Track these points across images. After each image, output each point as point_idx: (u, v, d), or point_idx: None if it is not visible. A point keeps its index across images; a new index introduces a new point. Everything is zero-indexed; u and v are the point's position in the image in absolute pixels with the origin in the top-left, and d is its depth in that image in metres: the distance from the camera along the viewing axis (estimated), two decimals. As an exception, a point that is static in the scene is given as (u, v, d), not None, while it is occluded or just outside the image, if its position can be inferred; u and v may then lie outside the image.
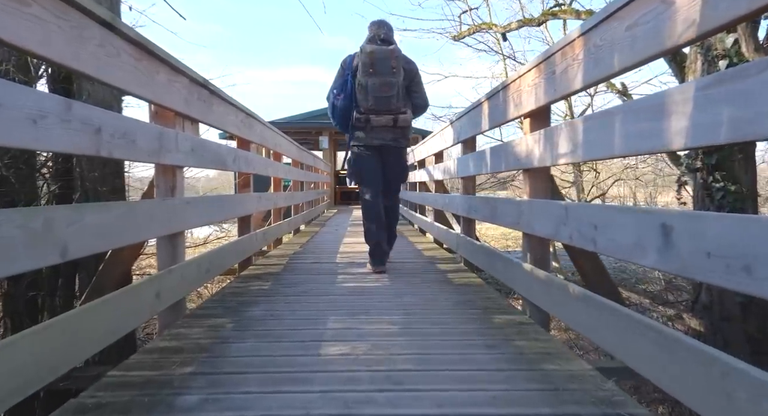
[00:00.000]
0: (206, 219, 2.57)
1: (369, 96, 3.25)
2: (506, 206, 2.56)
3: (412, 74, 3.41)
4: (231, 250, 3.00)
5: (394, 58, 3.24)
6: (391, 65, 3.23)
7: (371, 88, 3.23)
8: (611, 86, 5.45)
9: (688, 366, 1.06)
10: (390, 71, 3.23)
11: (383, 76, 3.22)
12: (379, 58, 3.22)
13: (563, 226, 1.77)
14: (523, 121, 2.31)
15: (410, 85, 3.41)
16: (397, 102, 3.30)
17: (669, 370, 1.13)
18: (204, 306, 2.47)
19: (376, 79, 3.22)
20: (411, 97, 3.45)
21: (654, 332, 1.19)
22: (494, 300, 2.58)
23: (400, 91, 3.31)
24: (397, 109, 3.31)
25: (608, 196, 12.85)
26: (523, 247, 2.32)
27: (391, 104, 3.28)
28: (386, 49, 3.24)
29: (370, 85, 3.23)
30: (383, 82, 3.22)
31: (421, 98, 3.48)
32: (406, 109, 3.39)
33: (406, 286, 2.93)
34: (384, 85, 3.22)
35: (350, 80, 3.31)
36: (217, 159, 2.70)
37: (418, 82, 3.45)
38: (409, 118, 3.40)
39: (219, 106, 2.73)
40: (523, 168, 2.29)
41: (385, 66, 3.22)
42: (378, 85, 3.22)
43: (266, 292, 2.77)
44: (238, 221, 3.65)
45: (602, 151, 1.51)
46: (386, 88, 3.23)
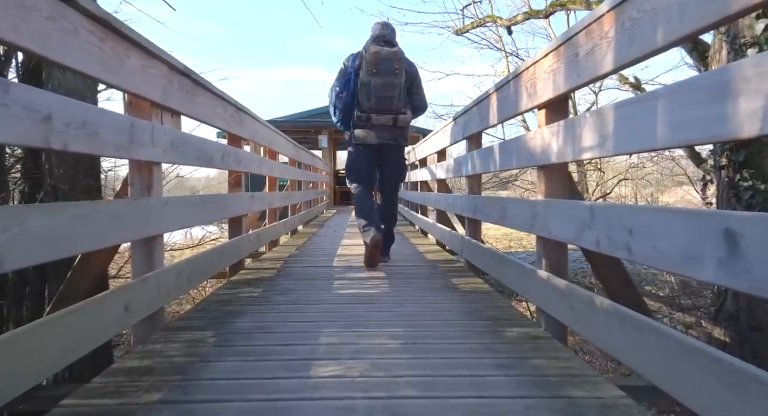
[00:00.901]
0: (189, 222, 2.35)
1: (371, 95, 3.33)
2: (517, 206, 2.34)
3: (413, 76, 3.51)
4: (218, 254, 2.78)
5: (398, 60, 3.34)
6: (395, 66, 3.32)
7: (374, 87, 3.31)
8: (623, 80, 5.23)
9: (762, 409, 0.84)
10: (393, 72, 3.32)
11: (386, 76, 3.30)
12: (383, 59, 3.30)
13: (588, 230, 1.54)
14: (537, 112, 2.09)
15: (411, 86, 3.50)
16: (398, 102, 3.39)
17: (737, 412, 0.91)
18: (186, 317, 2.25)
19: (380, 79, 3.30)
20: (411, 99, 3.55)
21: (716, 364, 0.97)
22: (504, 309, 2.36)
23: (402, 92, 3.40)
24: (397, 109, 3.40)
25: (611, 196, 12.63)
26: (538, 252, 2.10)
27: (392, 104, 3.36)
28: (391, 51, 3.34)
29: (373, 84, 3.31)
30: (386, 82, 3.31)
31: (421, 100, 3.59)
32: (406, 109, 3.48)
33: (407, 293, 2.71)
34: (387, 85, 3.31)
35: (353, 79, 3.37)
36: (203, 156, 2.48)
37: (418, 83, 3.56)
38: (408, 119, 3.50)
39: (204, 97, 2.51)
40: (537, 164, 2.07)
41: (388, 67, 3.30)
42: (381, 85, 3.31)
43: (256, 300, 2.55)
44: (229, 222, 3.43)
45: (640, 142, 1.29)
46: (389, 89, 3.32)
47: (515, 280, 2.32)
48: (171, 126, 2.15)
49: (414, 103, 3.58)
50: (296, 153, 6.37)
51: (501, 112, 2.57)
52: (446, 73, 12.64)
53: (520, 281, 2.25)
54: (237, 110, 3.17)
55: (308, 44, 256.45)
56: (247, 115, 3.44)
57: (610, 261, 2.04)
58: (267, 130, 4.26)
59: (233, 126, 3.13)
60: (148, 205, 1.87)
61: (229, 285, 2.95)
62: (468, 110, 3.31)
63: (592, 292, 1.66)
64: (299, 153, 6.64)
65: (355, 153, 3.58)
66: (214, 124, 2.72)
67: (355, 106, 3.42)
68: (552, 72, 1.85)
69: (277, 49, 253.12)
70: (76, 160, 2.52)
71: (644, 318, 1.27)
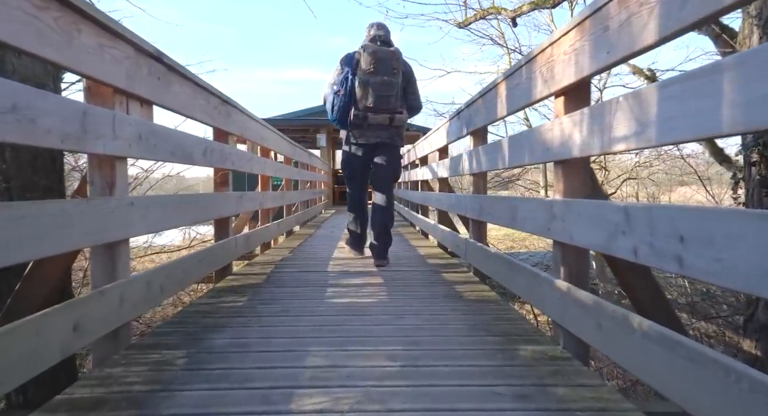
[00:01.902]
0: (163, 224, 2.10)
1: (369, 94, 3.35)
2: (531, 207, 2.09)
3: (408, 76, 3.55)
4: (199, 260, 2.53)
5: (396, 60, 3.37)
6: (393, 66, 3.35)
7: (373, 86, 3.33)
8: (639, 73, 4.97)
9: None
10: (391, 72, 3.35)
11: (385, 75, 3.32)
12: (381, 59, 3.32)
13: (621, 236, 1.30)
14: (554, 99, 1.84)
15: (406, 86, 3.54)
16: (396, 101, 3.42)
17: None
18: (157, 332, 2.00)
19: (378, 78, 3.32)
20: (406, 98, 3.58)
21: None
22: (515, 322, 2.11)
23: (399, 92, 3.43)
24: (394, 109, 3.43)
25: (615, 196, 12.36)
26: (554, 259, 1.85)
27: (390, 103, 3.39)
28: (389, 51, 3.37)
29: (372, 83, 3.33)
30: (384, 81, 3.33)
31: (416, 100, 3.64)
32: (403, 109, 3.52)
33: (407, 303, 2.46)
34: (385, 84, 3.33)
35: (350, 78, 3.37)
36: (180, 151, 2.23)
37: (413, 83, 3.60)
38: (404, 118, 3.53)
39: (182, 86, 2.26)
40: (554, 159, 1.82)
41: (386, 66, 3.33)
42: (379, 84, 3.33)
43: (239, 311, 2.30)
44: (215, 224, 3.18)
45: (695, 127, 1.04)
46: (387, 88, 3.34)
47: (527, 290, 2.07)
48: (141, 116, 1.91)
49: (409, 103, 3.61)
50: (292, 151, 6.12)
51: (511, 103, 2.31)
52: (447, 71, 12.38)
53: (533, 291, 2.00)
54: (222, 103, 2.92)
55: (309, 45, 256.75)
56: (234, 109, 3.19)
57: (639, 269, 1.79)
58: (258, 125, 4.01)
59: (218, 120, 2.88)
60: (109, 206, 1.62)
61: (212, 294, 2.70)
62: (473, 103, 3.06)
63: (620, 306, 1.41)
64: (295, 151, 6.40)
65: (350, 151, 3.61)
66: (194, 116, 2.47)
67: (351, 104, 3.42)
68: (574, 52, 1.60)
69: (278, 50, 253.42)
70: (33, 155, 2.27)
71: (700, 347, 1.02)
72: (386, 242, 3.55)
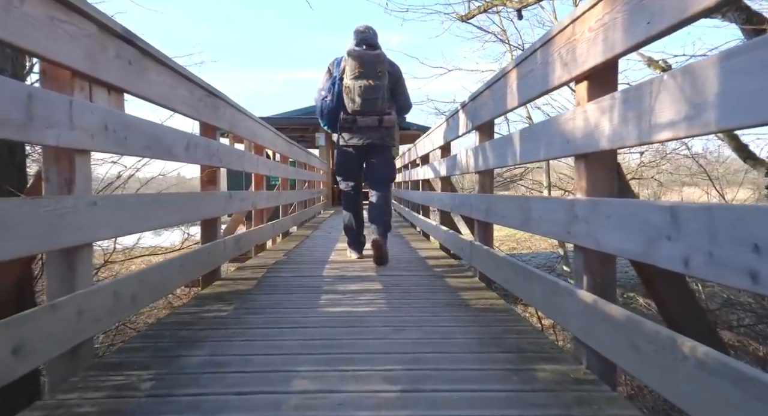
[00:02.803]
0: (136, 226, 1.88)
1: (356, 98, 3.38)
2: (547, 207, 1.87)
3: (396, 77, 3.58)
4: (180, 266, 2.30)
5: (380, 63, 3.38)
6: (377, 69, 3.36)
7: (358, 90, 3.36)
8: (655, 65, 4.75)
9: None
10: (376, 74, 3.36)
11: (370, 78, 3.35)
12: (366, 62, 3.34)
13: (666, 242, 1.08)
14: (576, 85, 1.62)
15: (394, 87, 3.58)
16: (382, 103, 3.44)
17: None
18: (125, 348, 1.78)
19: (363, 81, 3.35)
20: (396, 99, 3.64)
21: None
22: (528, 335, 1.89)
23: (385, 94, 3.45)
24: (382, 110, 3.47)
25: (620, 196, 12.10)
26: (576, 267, 1.63)
27: (376, 106, 3.42)
28: (373, 54, 3.38)
29: (357, 87, 3.36)
30: (369, 84, 3.35)
31: (405, 100, 3.70)
32: (391, 110, 3.57)
33: (408, 312, 2.24)
34: (370, 87, 3.36)
35: (338, 82, 3.44)
36: (157, 145, 2.01)
37: (401, 84, 3.65)
38: (393, 119, 3.58)
39: (159, 74, 2.04)
40: (577, 153, 1.60)
41: (371, 69, 3.35)
42: (364, 87, 3.35)
43: (222, 322, 2.08)
44: (201, 226, 2.96)
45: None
46: (372, 91, 3.37)
47: (544, 300, 1.85)
48: (109, 105, 1.69)
49: (398, 104, 3.67)
50: (288, 149, 5.91)
51: (523, 92, 2.10)
52: (448, 69, 12.13)
53: (551, 302, 1.78)
54: (208, 94, 2.71)
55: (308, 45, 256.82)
56: (222, 102, 2.97)
57: (671, 277, 1.58)
58: (251, 121, 3.79)
59: (204, 113, 2.67)
60: (64, 206, 1.40)
61: (195, 301, 2.48)
62: (479, 95, 2.84)
63: (661, 326, 1.19)
64: (292, 149, 6.18)
65: (343, 154, 3.69)
66: (175, 108, 2.26)
67: (340, 108, 3.49)
68: (602, 27, 1.38)
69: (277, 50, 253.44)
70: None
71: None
72: (385, 234, 3.65)
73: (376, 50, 3.41)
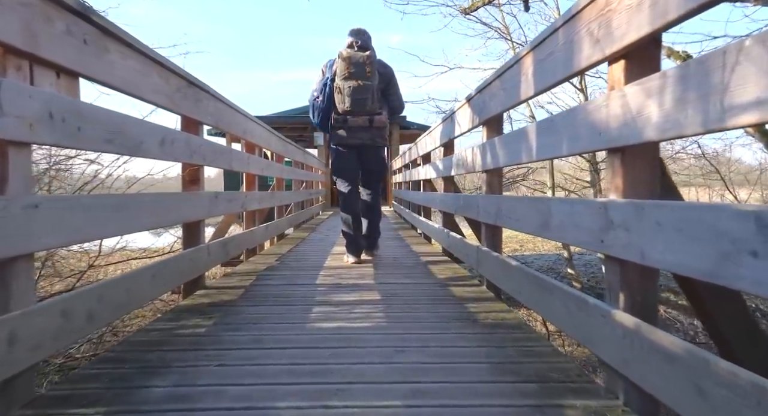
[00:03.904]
0: (93, 232, 1.62)
1: (346, 98, 3.42)
2: (573, 210, 1.60)
3: (388, 77, 3.64)
4: (153, 275, 2.04)
5: (369, 63, 3.39)
6: (366, 69, 3.39)
7: (348, 90, 3.40)
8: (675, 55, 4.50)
9: None
10: (365, 75, 3.39)
11: (359, 79, 3.39)
12: (355, 63, 3.38)
13: (752, 259, 0.82)
14: (610, 66, 1.36)
15: (386, 88, 3.64)
16: (372, 104, 3.46)
17: None
18: (78, 376, 1.52)
19: (352, 82, 3.39)
20: (388, 100, 3.69)
21: None
22: (549, 358, 1.63)
23: (375, 94, 3.47)
24: (372, 111, 3.51)
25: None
26: (610, 284, 1.37)
27: (366, 106, 3.44)
28: (363, 55, 3.40)
29: (347, 87, 3.40)
30: (358, 85, 3.39)
31: (397, 100, 3.74)
32: (382, 110, 3.62)
33: (410, 329, 1.98)
34: (359, 88, 3.39)
35: (329, 84, 3.50)
36: (122, 138, 1.75)
37: (394, 84, 3.69)
38: (384, 119, 3.64)
39: (125, 57, 1.78)
40: (611, 146, 1.34)
41: (360, 70, 3.38)
42: (353, 88, 3.39)
43: (197, 341, 1.83)
44: (183, 229, 2.71)
45: None
46: (361, 91, 3.40)
47: (567, 319, 1.59)
48: (58, 90, 1.43)
49: (390, 104, 3.72)
50: (283, 148, 5.65)
51: (540, 79, 1.84)
52: (449, 67, 11.88)
53: (575, 321, 1.52)
54: (189, 85, 2.45)
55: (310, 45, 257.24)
56: (206, 94, 2.72)
57: (725, 294, 1.32)
58: (240, 116, 3.53)
59: (183, 105, 2.41)
60: (-10, 210, 1.15)
61: (171, 314, 2.22)
62: (486, 86, 2.59)
63: (739, 367, 0.93)
64: (287, 148, 5.92)
65: (336, 153, 3.75)
66: (145, 97, 2.00)
67: (331, 109, 3.55)
68: (649, -9, 1.12)
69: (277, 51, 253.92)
70: None
71: None
72: (375, 236, 3.91)
73: (367, 51, 3.44)
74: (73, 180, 4.37)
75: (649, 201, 1.16)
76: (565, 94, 13.39)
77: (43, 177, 3.97)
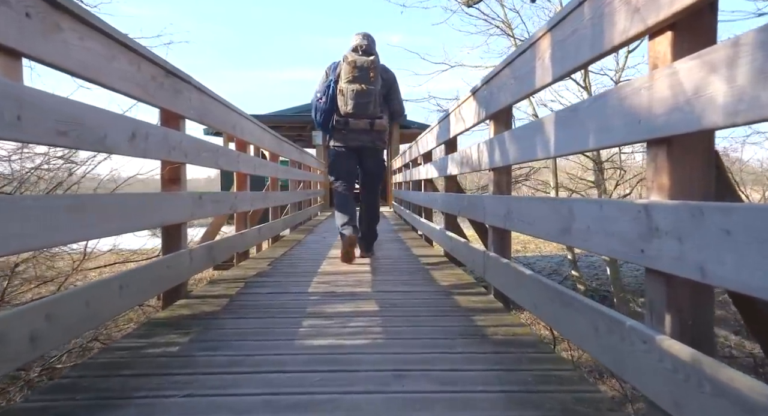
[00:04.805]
0: (29, 241, 1.38)
1: (348, 101, 3.49)
2: (603, 213, 1.36)
3: (390, 83, 3.73)
4: (121, 286, 1.80)
5: (373, 68, 3.46)
6: (370, 74, 3.45)
7: (351, 94, 3.47)
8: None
9: None
10: (369, 79, 3.46)
11: (362, 83, 3.46)
12: (359, 67, 3.44)
13: None
14: (652, 40, 1.13)
15: (388, 92, 3.73)
16: (374, 108, 3.54)
17: None
18: (14, 411, 1.29)
19: (356, 85, 3.46)
20: (389, 104, 3.79)
21: None
22: (575, 385, 1.40)
23: (377, 98, 3.56)
24: (373, 114, 3.59)
25: (631, 198, 11.63)
26: (653, 304, 1.14)
27: (368, 109, 3.52)
28: (367, 59, 3.46)
29: (350, 91, 3.47)
30: (362, 89, 3.46)
31: (398, 105, 3.84)
32: (383, 114, 3.70)
33: (412, 348, 1.74)
34: (362, 92, 3.46)
35: (332, 86, 3.57)
36: (76, 130, 1.52)
37: (395, 89, 3.79)
38: (384, 123, 3.71)
39: (83, 37, 1.55)
40: (654, 137, 1.11)
41: (365, 75, 3.44)
42: (357, 91, 3.46)
43: (166, 364, 1.59)
44: (162, 233, 2.48)
45: None
46: (364, 95, 3.47)
47: (594, 341, 1.36)
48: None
49: (391, 108, 3.82)
50: (278, 146, 5.42)
51: (561, 61, 1.60)
52: (450, 65, 11.68)
53: (607, 345, 1.29)
54: (166, 74, 2.22)
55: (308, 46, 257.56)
56: (187, 85, 2.48)
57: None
58: (229, 111, 3.30)
59: (160, 96, 2.18)
60: None
61: (143, 330, 1.98)
62: (494, 76, 2.35)
63: None
64: (282, 146, 5.69)
65: (336, 154, 3.80)
66: (112, 85, 1.76)
67: (334, 111, 3.61)
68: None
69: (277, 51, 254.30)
70: None
71: None
72: (371, 238, 3.94)
73: (371, 56, 3.49)
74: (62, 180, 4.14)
75: (711, 203, 0.93)
76: (567, 92, 13.13)
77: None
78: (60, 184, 3.13)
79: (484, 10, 10.91)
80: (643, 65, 11.38)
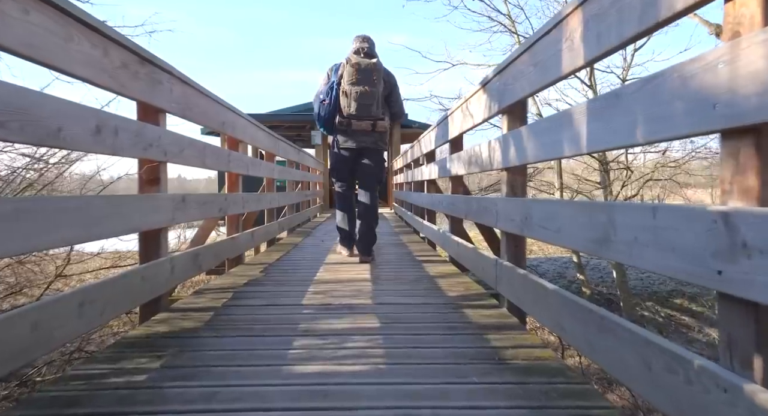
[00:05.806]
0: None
1: (352, 102, 3.57)
2: (660, 221, 1.11)
3: (391, 85, 3.81)
4: (80, 304, 1.55)
5: (376, 71, 3.57)
6: (373, 76, 3.55)
7: (354, 95, 3.55)
8: (710, 28, 4.04)
9: None
10: (372, 82, 3.55)
11: (366, 85, 3.53)
12: (362, 69, 3.52)
13: None
14: (729, 3, 0.88)
15: (389, 95, 3.81)
16: (377, 109, 3.63)
17: None
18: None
19: (359, 87, 3.53)
20: (390, 106, 3.86)
21: None
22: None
23: (380, 100, 3.64)
24: (376, 116, 3.65)
25: (636, 199, 11.38)
26: (730, 340, 0.89)
27: (371, 111, 3.60)
28: (370, 62, 3.55)
29: (354, 92, 3.54)
30: (365, 91, 3.54)
31: (399, 107, 3.94)
32: (384, 116, 3.77)
33: (418, 376, 1.49)
34: (365, 93, 3.54)
35: (335, 87, 3.64)
36: (18, 122, 1.27)
37: (396, 92, 3.88)
38: (386, 124, 3.79)
39: (25, 11, 1.30)
40: (734, 126, 0.86)
41: (367, 77, 3.53)
42: (360, 93, 3.54)
43: (129, 398, 1.34)
44: (139, 240, 2.23)
45: None
46: (367, 97, 3.55)
47: (644, 378, 1.10)
48: None
49: (392, 110, 3.90)
50: (274, 145, 5.17)
51: (598, 39, 1.35)
52: (452, 63, 11.47)
53: (663, 385, 1.03)
54: (140, 61, 1.97)
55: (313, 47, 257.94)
56: (167, 75, 2.23)
57: None
58: (216, 105, 3.05)
59: (133, 86, 1.93)
60: None
61: (110, 352, 1.73)
62: (510, 63, 2.10)
63: None
64: (278, 145, 5.44)
65: (337, 155, 3.86)
66: (71, 70, 1.51)
67: (336, 112, 3.67)
68: None
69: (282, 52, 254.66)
70: None
71: None
72: (370, 240, 3.80)
73: (373, 59, 3.58)
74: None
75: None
76: (572, 90, 12.90)
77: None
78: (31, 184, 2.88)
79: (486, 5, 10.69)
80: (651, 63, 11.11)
